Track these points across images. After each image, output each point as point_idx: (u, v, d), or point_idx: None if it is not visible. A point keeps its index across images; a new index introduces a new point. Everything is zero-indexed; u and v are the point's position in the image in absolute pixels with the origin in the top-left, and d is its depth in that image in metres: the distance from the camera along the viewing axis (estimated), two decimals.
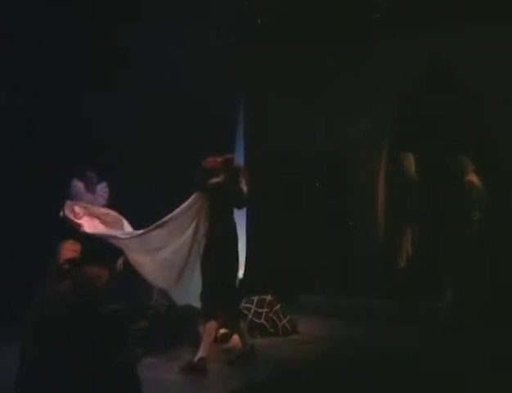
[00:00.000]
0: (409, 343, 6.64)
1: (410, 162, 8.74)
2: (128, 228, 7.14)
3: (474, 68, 8.31)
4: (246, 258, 9.27)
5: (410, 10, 8.48)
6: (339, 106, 9.21)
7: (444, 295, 7.94)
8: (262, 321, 7.20)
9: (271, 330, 7.20)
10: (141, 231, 6.69)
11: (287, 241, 9.19)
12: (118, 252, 6.84)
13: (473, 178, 7.84)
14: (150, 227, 6.59)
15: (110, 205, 7.47)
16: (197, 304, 6.32)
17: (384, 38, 8.85)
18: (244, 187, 6.43)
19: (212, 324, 6.07)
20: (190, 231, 6.51)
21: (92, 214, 7.00)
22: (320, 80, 9.29)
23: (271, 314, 7.25)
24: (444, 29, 8.39)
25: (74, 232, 6.53)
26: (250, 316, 7.19)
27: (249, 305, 7.28)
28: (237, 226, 6.49)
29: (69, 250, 5.00)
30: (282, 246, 9.19)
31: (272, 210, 9.36)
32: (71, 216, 6.81)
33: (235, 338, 6.70)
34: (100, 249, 6.43)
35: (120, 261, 7.06)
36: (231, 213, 6.39)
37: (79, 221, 6.80)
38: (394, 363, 5.85)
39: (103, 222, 7.06)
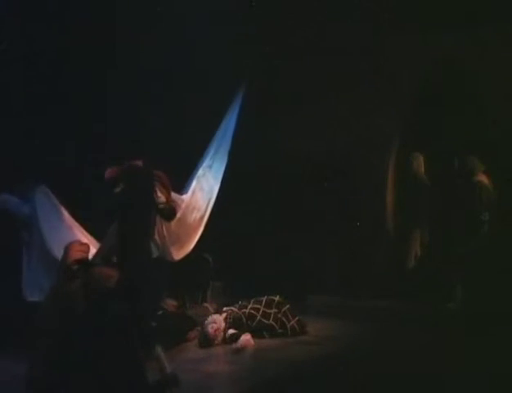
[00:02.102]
0: (418, 344, 6.61)
1: (420, 162, 8.72)
2: None
3: (483, 68, 8.31)
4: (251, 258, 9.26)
5: (419, 11, 8.48)
6: (347, 107, 9.19)
7: (453, 296, 7.93)
8: (271, 321, 7.19)
9: (280, 331, 7.19)
10: None
11: (295, 241, 9.18)
12: None
13: (483, 178, 7.82)
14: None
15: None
16: None
17: (392, 38, 8.84)
18: (162, 199, 5.50)
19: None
20: None
21: None
22: (328, 81, 9.27)
23: (279, 315, 7.24)
24: (452, 30, 8.39)
25: None
26: (259, 317, 7.18)
27: (257, 306, 7.27)
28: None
29: (78, 250, 5.00)
30: (289, 247, 9.18)
31: (280, 211, 9.35)
32: None
33: (244, 338, 6.70)
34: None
35: None
36: (147, 241, 5.42)
37: None
38: (403, 364, 5.83)
39: None
